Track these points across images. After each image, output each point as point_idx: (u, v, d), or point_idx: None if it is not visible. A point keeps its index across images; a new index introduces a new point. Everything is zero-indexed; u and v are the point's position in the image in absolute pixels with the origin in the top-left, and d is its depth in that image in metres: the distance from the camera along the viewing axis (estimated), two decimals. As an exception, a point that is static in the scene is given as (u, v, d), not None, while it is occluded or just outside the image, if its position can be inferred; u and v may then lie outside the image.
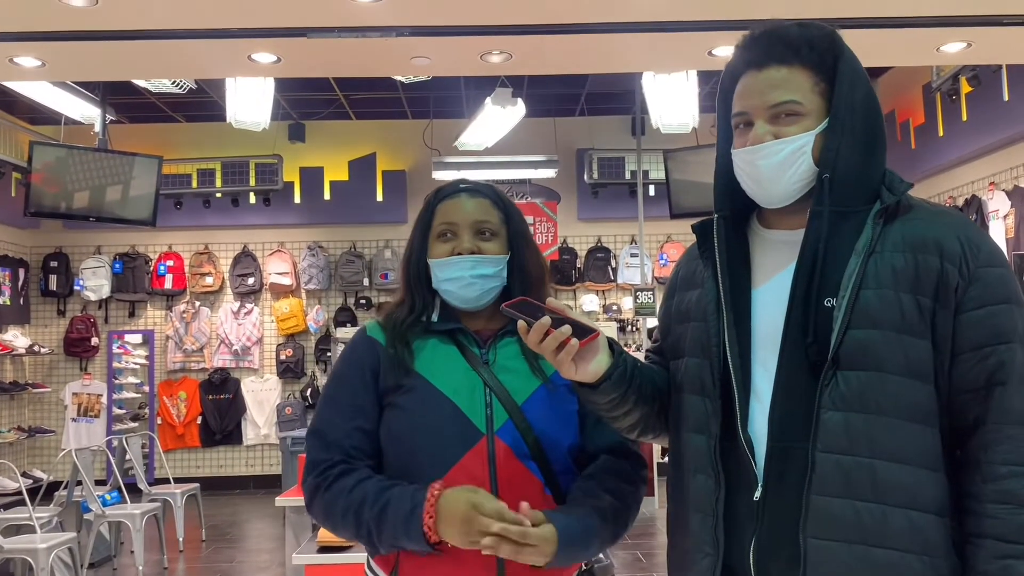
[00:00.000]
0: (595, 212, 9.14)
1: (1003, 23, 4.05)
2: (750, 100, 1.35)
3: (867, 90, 1.35)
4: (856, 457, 1.23)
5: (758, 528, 1.29)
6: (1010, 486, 1.22)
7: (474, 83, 7.52)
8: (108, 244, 9.00)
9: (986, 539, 1.22)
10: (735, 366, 1.33)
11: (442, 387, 1.52)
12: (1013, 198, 6.28)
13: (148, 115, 8.67)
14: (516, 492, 1.45)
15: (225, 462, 9.09)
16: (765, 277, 1.38)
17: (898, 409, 1.24)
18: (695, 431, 1.38)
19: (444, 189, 1.66)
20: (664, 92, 6.07)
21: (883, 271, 1.26)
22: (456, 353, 1.57)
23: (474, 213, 1.60)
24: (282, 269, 8.99)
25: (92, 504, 5.41)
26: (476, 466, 1.47)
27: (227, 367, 9.02)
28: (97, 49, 4.26)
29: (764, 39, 1.35)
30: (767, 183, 1.34)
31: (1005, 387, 1.24)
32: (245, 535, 7.11)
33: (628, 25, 4.04)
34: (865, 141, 1.33)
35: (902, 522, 1.22)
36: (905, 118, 7.65)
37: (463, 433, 1.49)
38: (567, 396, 1.54)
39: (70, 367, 9.01)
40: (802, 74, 1.33)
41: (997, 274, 1.27)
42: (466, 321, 1.61)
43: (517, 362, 1.57)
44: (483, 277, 1.56)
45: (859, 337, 1.25)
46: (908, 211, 1.32)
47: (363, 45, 4.17)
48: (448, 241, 1.59)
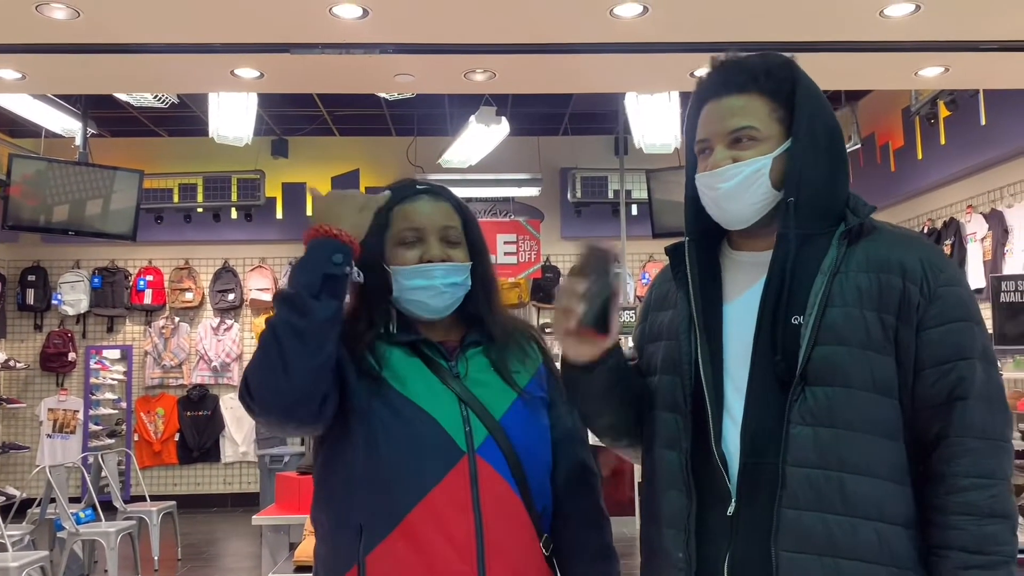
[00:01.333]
0: (578, 231, 9.15)
1: (980, 49, 4.11)
2: (710, 127, 1.40)
3: (827, 115, 1.41)
4: (825, 471, 1.26)
5: (732, 543, 1.32)
6: (972, 498, 1.25)
7: (458, 101, 7.54)
8: (87, 258, 8.92)
9: (950, 550, 1.25)
10: (707, 383, 1.36)
11: (416, 399, 1.42)
12: (990, 221, 6.36)
13: (130, 129, 8.63)
14: (499, 514, 1.40)
15: (202, 480, 8.99)
16: (735, 294, 1.42)
17: (865, 423, 1.28)
18: (667, 447, 1.40)
19: (398, 191, 1.54)
20: (647, 112, 6.11)
21: (848, 290, 1.31)
22: (422, 366, 1.46)
23: (440, 218, 1.51)
24: (263, 285, 8.94)
25: (66, 522, 5.32)
26: (458, 487, 1.39)
27: (206, 383, 8.93)
28: (78, 62, 4.23)
29: (723, 70, 1.42)
30: (727, 205, 1.39)
31: (966, 401, 1.28)
32: (221, 554, 7.02)
33: (611, 46, 4.06)
34: (827, 164, 1.38)
35: (870, 534, 1.25)
36: (884, 141, 7.74)
37: (444, 450, 1.39)
38: (541, 410, 1.51)
39: (46, 382, 8.90)
40: (759, 101, 1.38)
41: (956, 293, 1.32)
42: (424, 331, 1.50)
43: (489, 375, 1.49)
44: (454, 285, 1.49)
45: (826, 353, 1.28)
46: (872, 233, 1.37)
47: (346, 62, 4.17)
48: (413, 247, 1.49)
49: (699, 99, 1.44)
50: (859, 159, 8.02)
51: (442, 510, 1.37)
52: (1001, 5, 3.68)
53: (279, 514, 3.67)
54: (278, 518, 3.65)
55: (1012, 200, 6.28)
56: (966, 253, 6.60)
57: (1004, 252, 6.18)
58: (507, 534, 1.41)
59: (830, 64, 4.36)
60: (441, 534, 1.37)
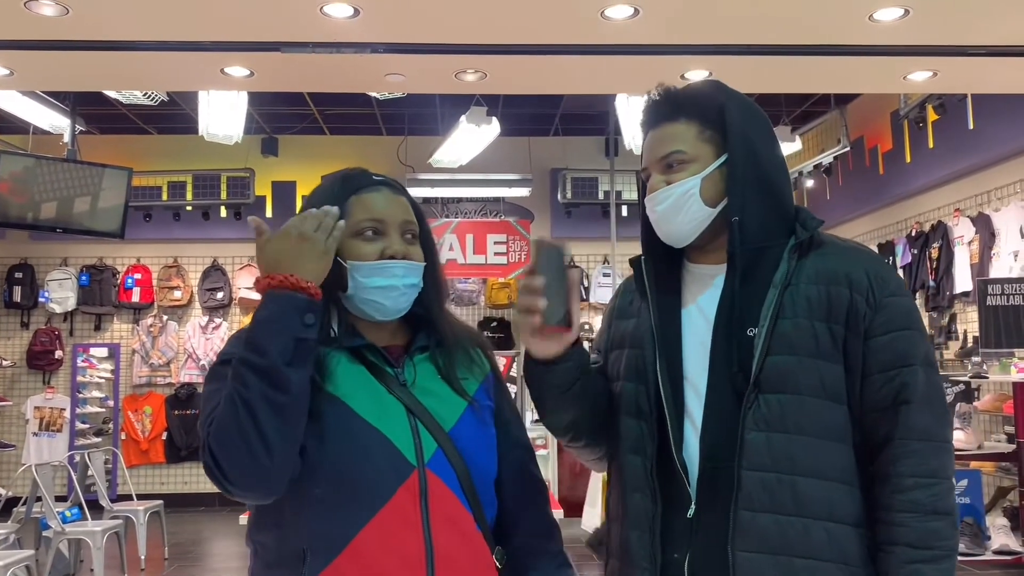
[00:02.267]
0: (568, 231, 9.16)
1: (968, 53, 4.14)
2: (648, 156, 1.51)
3: (761, 130, 1.48)
4: (778, 474, 1.33)
5: (692, 544, 1.37)
6: (916, 496, 1.32)
7: (449, 101, 7.54)
8: (75, 256, 8.87)
9: (896, 546, 1.32)
10: (666, 392, 1.42)
11: (362, 412, 1.31)
12: (978, 224, 6.40)
13: (119, 126, 8.59)
14: (450, 530, 1.33)
15: (190, 478, 8.95)
16: (692, 302, 1.49)
17: (815, 428, 1.34)
18: (632, 452, 1.46)
19: (355, 178, 1.44)
20: (637, 114, 6.12)
21: (798, 302, 1.38)
22: (366, 373, 1.36)
23: (401, 212, 1.42)
24: (252, 284, 8.90)
25: (51, 521, 5.29)
26: (408, 503, 1.30)
27: (194, 382, 8.89)
28: (67, 59, 4.21)
29: (654, 103, 1.51)
30: (665, 225, 1.47)
31: (909, 405, 1.34)
32: (208, 553, 7.00)
33: (602, 47, 4.07)
34: (767, 177, 1.44)
35: (822, 534, 1.32)
36: (873, 144, 7.77)
37: (394, 466, 1.30)
38: (487, 419, 1.45)
39: (33, 380, 8.85)
40: (686, 126, 1.46)
41: (900, 303, 1.39)
42: (367, 335, 1.39)
43: (437, 383, 1.40)
44: (412, 287, 1.39)
45: (777, 363, 1.35)
46: (820, 246, 1.44)
47: (337, 61, 4.16)
48: (372, 241, 1.38)
49: (643, 133, 1.53)
50: (848, 162, 8.06)
51: (392, 528, 1.29)
52: (989, 10, 3.70)
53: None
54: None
55: (999, 204, 6.32)
56: (953, 256, 6.64)
57: (991, 255, 6.23)
58: (457, 549, 1.33)
59: (820, 68, 4.38)
60: (390, 553, 1.28)
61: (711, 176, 1.44)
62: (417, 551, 1.29)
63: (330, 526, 1.28)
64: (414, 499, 1.30)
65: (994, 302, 5.33)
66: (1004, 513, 5.31)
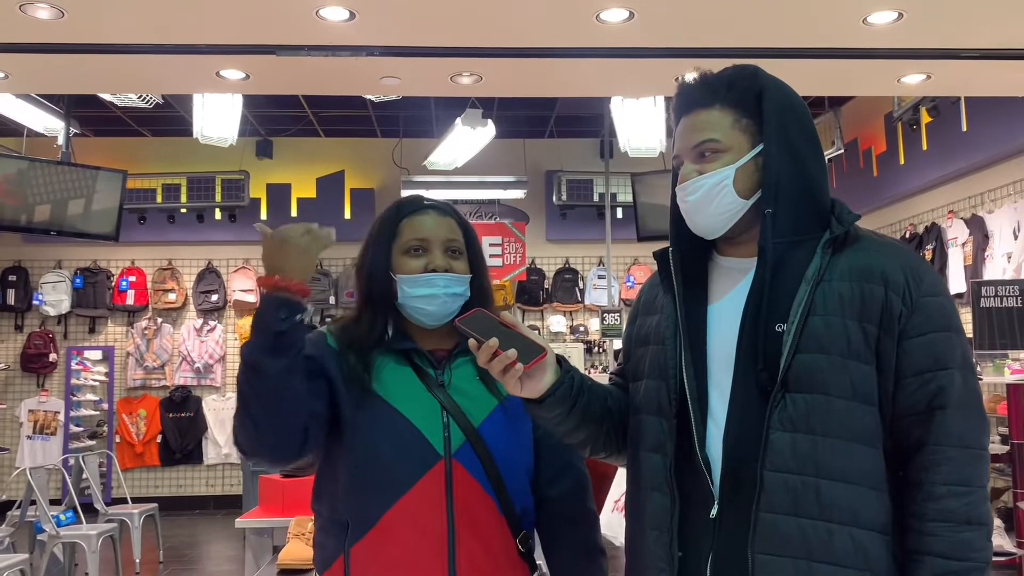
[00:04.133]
0: (563, 233, 9.18)
1: (962, 56, 4.16)
2: (680, 143, 1.45)
3: (799, 117, 1.42)
4: (802, 476, 1.28)
5: (714, 546, 1.33)
6: (949, 505, 1.27)
7: (444, 103, 7.54)
8: (69, 258, 8.85)
9: (927, 556, 1.27)
10: (691, 388, 1.38)
11: (401, 408, 1.53)
12: (971, 226, 6.42)
13: (113, 129, 8.57)
14: (472, 515, 1.50)
15: (185, 482, 8.93)
16: (720, 296, 1.44)
17: (843, 430, 1.29)
18: (651, 451, 1.42)
19: (407, 204, 1.65)
20: (632, 116, 6.13)
21: (831, 299, 1.32)
22: (411, 374, 1.57)
23: (444, 231, 1.61)
24: (247, 286, 8.90)
25: (46, 524, 5.28)
26: (433, 488, 1.49)
27: (188, 385, 8.88)
28: (62, 62, 4.21)
29: (688, 87, 1.45)
30: (695, 216, 1.43)
31: (945, 411, 1.29)
32: (203, 557, 6.98)
33: (597, 51, 4.08)
34: (805, 167, 1.39)
35: (846, 539, 1.27)
36: (868, 146, 7.80)
37: (421, 455, 1.50)
38: (523, 417, 1.54)
39: (27, 383, 8.82)
40: (722, 113, 1.41)
41: (938, 303, 1.33)
42: (419, 339, 1.60)
43: (473, 384, 1.58)
44: (454, 296, 1.58)
45: (806, 361, 1.30)
46: (856, 242, 1.38)
47: (332, 64, 4.16)
48: (419, 257, 1.58)
49: (676, 118, 1.49)
50: (842, 164, 8.08)
51: (417, 508, 1.49)
52: (983, 14, 3.72)
53: (262, 517, 3.65)
54: (261, 521, 3.63)
55: (992, 206, 6.35)
56: (947, 258, 6.66)
57: (984, 257, 6.25)
58: (478, 532, 1.51)
59: (814, 70, 4.40)
60: (416, 529, 1.48)
61: (745, 167, 1.39)
62: (440, 530, 1.49)
63: (365, 503, 1.50)
64: (439, 485, 1.50)
65: (988, 304, 5.35)
66: (998, 514, 5.32)
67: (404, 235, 1.60)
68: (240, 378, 1.44)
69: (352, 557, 1.50)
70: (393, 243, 1.60)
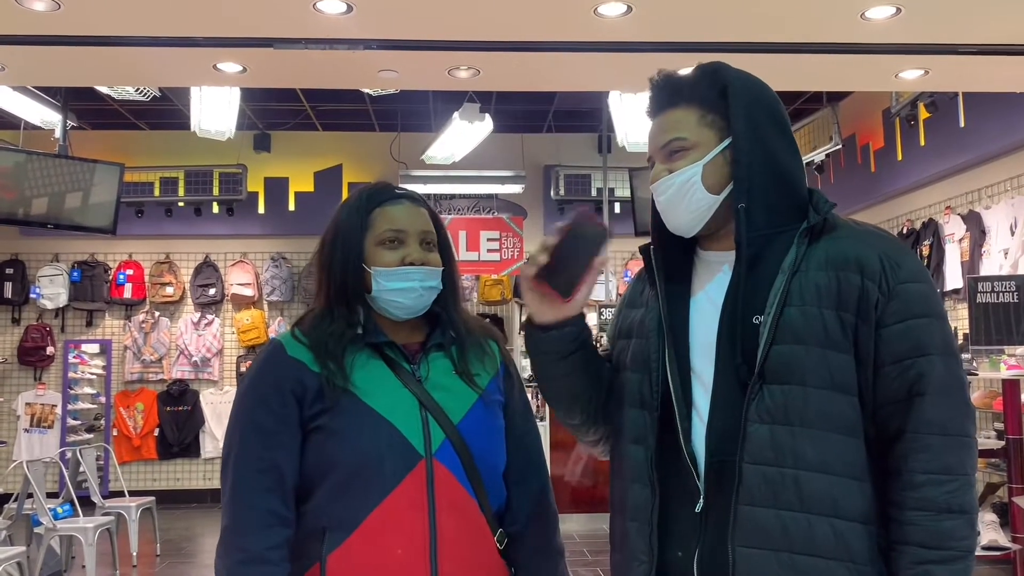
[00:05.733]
0: (561, 228, 9.17)
1: (959, 52, 4.16)
2: (651, 145, 1.47)
3: (770, 112, 1.42)
4: (781, 468, 1.28)
5: (702, 540, 1.33)
6: (928, 493, 1.26)
7: (442, 97, 7.53)
8: (66, 252, 8.84)
9: (907, 545, 1.27)
10: (674, 382, 1.39)
11: (377, 406, 1.45)
12: (968, 222, 6.43)
13: (110, 122, 8.55)
14: (454, 514, 1.45)
15: (182, 475, 8.94)
16: (701, 289, 1.45)
17: (821, 421, 1.28)
18: (634, 443, 1.43)
19: (378, 193, 1.57)
20: (630, 111, 6.14)
21: (807, 289, 1.32)
22: (385, 369, 1.50)
23: (420, 223, 1.56)
24: (244, 280, 8.90)
25: (43, 517, 5.28)
26: (415, 490, 1.43)
27: (186, 378, 8.88)
28: (59, 54, 4.20)
29: (654, 90, 1.47)
30: (669, 215, 1.44)
31: (924, 398, 1.28)
32: (200, 550, 6.99)
33: (595, 44, 4.07)
34: (775, 161, 1.39)
35: (826, 531, 1.27)
36: (865, 142, 7.80)
37: (403, 455, 1.44)
38: (496, 412, 1.56)
39: (24, 377, 8.82)
40: (686, 111, 1.42)
41: (916, 289, 1.32)
42: (389, 332, 1.54)
43: (450, 379, 1.53)
44: (430, 289, 1.53)
45: (783, 352, 1.30)
46: (833, 230, 1.38)
47: (330, 57, 4.16)
48: (395, 249, 1.52)
49: (649, 120, 1.49)
50: (840, 160, 8.08)
51: (399, 511, 1.43)
52: (980, 9, 3.72)
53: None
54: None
55: (990, 202, 6.35)
56: (944, 254, 6.67)
57: (981, 253, 6.26)
58: (460, 532, 1.46)
59: (811, 65, 4.39)
60: (397, 533, 1.42)
61: (714, 162, 1.39)
62: (422, 533, 1.43)
63: (344, 508, 1.43)
64: (421, 487, 1.43)
65: (984, 299, 5.36)
66: (993, 509, 5.33)
67: (378, 226, 1.53)
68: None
69: (329, 565, 1.42)
70: (366, 234, 1.53)
